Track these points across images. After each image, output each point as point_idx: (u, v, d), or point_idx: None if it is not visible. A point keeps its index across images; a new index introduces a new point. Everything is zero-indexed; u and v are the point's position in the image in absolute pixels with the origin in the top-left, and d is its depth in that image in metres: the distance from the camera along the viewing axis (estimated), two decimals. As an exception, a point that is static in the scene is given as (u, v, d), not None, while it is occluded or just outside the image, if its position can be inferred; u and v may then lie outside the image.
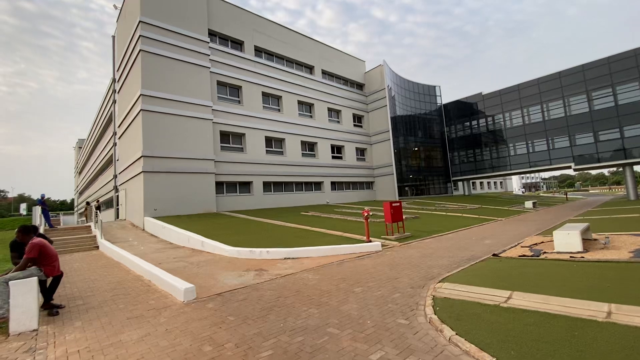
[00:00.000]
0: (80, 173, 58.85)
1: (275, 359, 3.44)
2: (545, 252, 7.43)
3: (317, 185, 28.45)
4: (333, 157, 30.27)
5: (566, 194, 49.81)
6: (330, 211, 21.07)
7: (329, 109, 30.83)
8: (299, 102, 27.92)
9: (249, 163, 23.05)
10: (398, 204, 12.35)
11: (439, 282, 5.82)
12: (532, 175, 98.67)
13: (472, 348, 3.24)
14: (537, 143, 33.01)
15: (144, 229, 16.62)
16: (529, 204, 27.39)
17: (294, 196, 25.94)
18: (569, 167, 31.70)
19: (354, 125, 33.46)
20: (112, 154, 27.73)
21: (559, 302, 4.21)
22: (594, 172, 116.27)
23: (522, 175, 74.26)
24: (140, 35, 18.28)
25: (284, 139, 25.89)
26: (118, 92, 24.38)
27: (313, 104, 28.97)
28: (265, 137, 24.54)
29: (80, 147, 59.95)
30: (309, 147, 28.49)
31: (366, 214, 11.03)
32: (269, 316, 4.75)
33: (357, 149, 33.16)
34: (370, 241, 10.52)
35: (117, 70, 24.29)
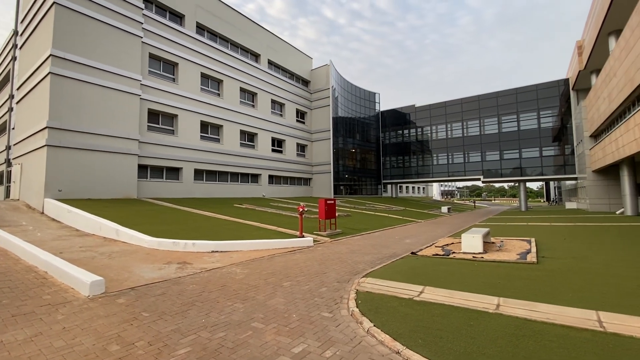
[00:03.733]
0: (-43, 139, 47.80)
1: (193, 356, 3.25)
2: (454, 252, 8.41)
3: (254, 178, 27.80)
4: (273, 150, 29.87)
5: (474, 202, 57.25)
6: (266, 205, 20.79)
7: (273, 101, 30.30)
8: (242, 90, 26.86)
9: (180, 147, 21.41)
10: (333, 201, 12.73)
11: (363, 277, 6.17)
12: (450, 183, 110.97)
13: (387, 338, 3.53)
14: (456, 156, 37.34)
15: (42, 212, 14.28)
16: (444, 209, 30.77)
17: (228, 187, 24.92)
18: (479, 179, 36.53)
19: (297, 120, 33.46)
20: (6, 121, 23.12)
21: (461, 296, 4.84)
22: (497, 185, 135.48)
23: (441, 183, 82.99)
24: (55, -15, 15.55)
25: (222, 126, 24.66)
26: (20, 48, 20.39)
27: (256, 94, 28.15)
28: (201, 121, 23.07)
29: (-40, 108, 48.65)
30: (248, 138, 27.63)
31: (301, 210, 11.16)
32: (190, 312, 4.49)
33: (298, 144, 33.24)
34: (303, 236, 10.67)
35: (21, 22, 20.28)
